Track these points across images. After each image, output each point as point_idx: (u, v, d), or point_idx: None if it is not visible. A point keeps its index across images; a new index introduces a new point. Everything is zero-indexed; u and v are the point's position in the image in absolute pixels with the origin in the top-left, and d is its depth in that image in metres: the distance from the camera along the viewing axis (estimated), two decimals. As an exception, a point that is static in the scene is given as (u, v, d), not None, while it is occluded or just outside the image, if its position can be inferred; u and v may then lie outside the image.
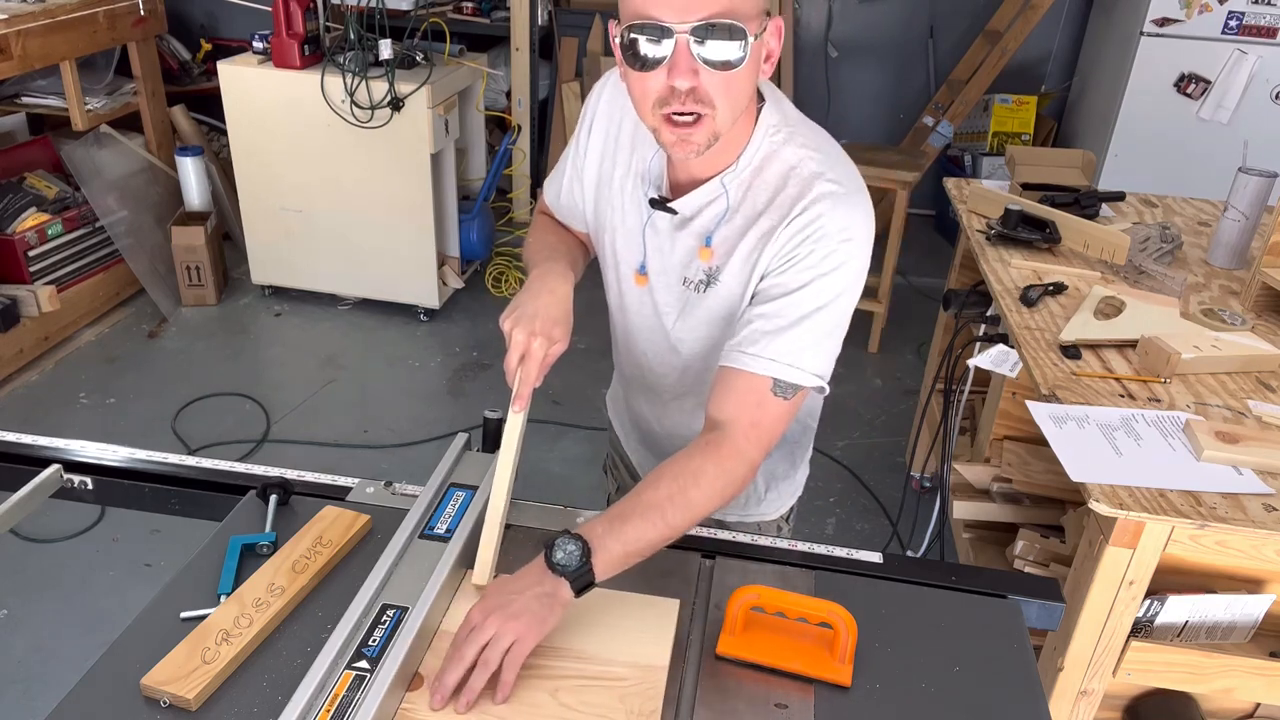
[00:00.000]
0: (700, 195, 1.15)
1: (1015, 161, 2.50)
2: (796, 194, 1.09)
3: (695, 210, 1.16)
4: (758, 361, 1.09)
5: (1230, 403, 1.61)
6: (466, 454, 1.30)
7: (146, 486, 1.28)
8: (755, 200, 1.13)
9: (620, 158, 1.23)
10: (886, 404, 3.37)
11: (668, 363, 1.28)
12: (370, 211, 3.56)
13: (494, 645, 0.94)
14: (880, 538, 2.71)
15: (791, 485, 1.46)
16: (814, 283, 1.08)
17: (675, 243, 1.19)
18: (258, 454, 2.97)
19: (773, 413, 1.11)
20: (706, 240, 1.15)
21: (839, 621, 1.00)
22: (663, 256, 1.21)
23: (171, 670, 0.94)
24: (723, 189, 1.13)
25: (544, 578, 0.99)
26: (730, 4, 0.97)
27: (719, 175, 1.13)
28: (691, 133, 1.03)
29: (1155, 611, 1.47)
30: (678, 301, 1.22)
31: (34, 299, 3.28)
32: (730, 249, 1.14)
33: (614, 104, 1.24)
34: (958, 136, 4.49)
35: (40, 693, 2.13)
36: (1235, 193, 2.08)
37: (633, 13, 0.99)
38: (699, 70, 0.99)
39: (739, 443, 1.09)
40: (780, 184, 1.11)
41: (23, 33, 3.12)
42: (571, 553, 0.99)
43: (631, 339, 1.32)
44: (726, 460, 1.09)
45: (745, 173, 1.13)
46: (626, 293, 1.28)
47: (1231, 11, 3.56)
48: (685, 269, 1.19)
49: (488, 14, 4.21)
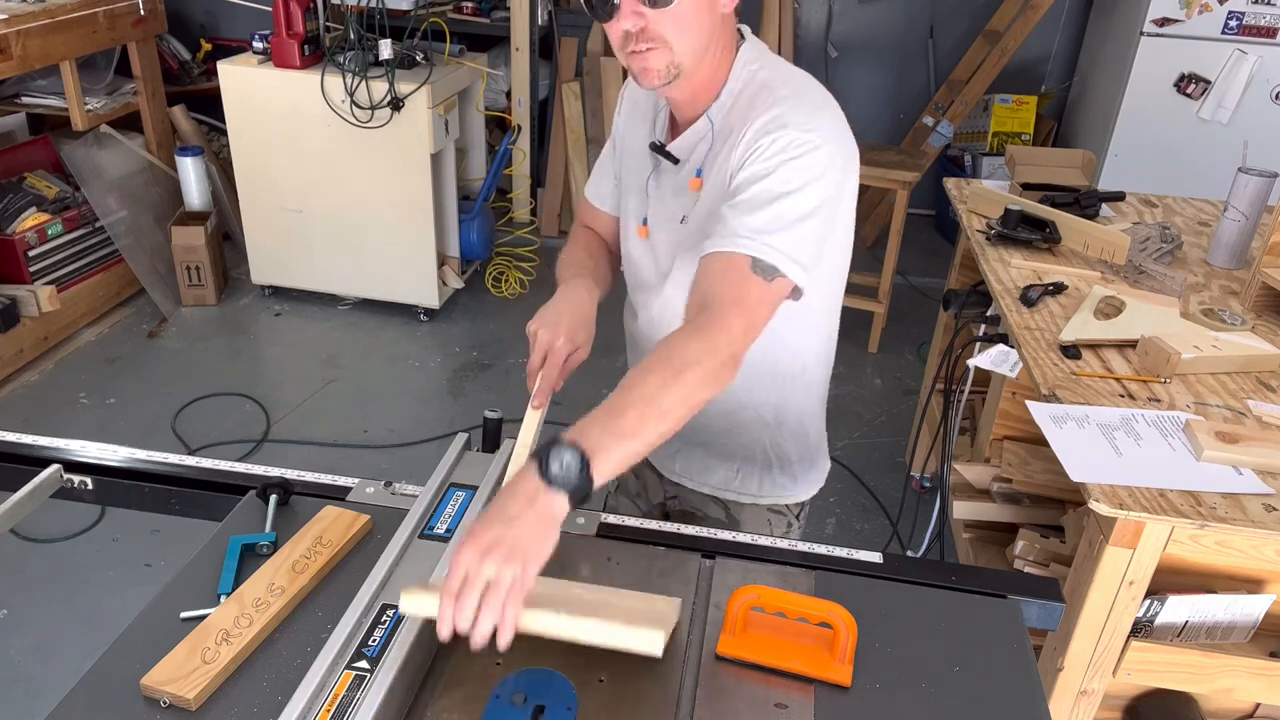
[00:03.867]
0: (691, 134, 1.25)
1: (1015, 161, 2.50)
2: (761, 103, 1.17)
3: (689, 149, 1.26)
4: (732, 241, 1.12)
5: (1230, 403, 1.61)
6: (466, 454, 1.30)
7: (146, 486, 1.28)
8: (730, 122, 1.20)
9: (639, 130, 1.35)
10: (886, 404, 3.37)
11: (674, 312, 1.29)
12: (370, 211, 3.56)
13: (494, 591, 0.88)
14: (880, 538, 2.71)
15: (807, 466, 1.46)
16: (778, 170, 1.13)
17: (675, 186, 1.27)
18: (258, 454, 2.97)
19: (755, 293, 1.10)
20: (698, 173, 1.24)
21: (839, 621, 1.00)
22: (663, 204, 1.29)
23: (171, 670, 0.94)
24: (710, 123, 1.23)
25: (538, 494, 0.92)
26: None
27: (705, 112, 1.23)
28: (647, 59, 1.14)
29: (1155, 611, 1.46)
30: (675, 244, 1.28)
31: (34, 299, 3.28)
32: (717, 174, 1.21)
33: (633, 88, 1.38)
34: (958, 136, 4.49)
35: (40, 693, 2.13)
36: (1235, 193, 2.08)
37: None
38: (642, 12, 1.11)
39: (725, 319, 1.07)
40: (750, 102, 1.19)
41: (23, 33, 3.12)
42: (569, 464, 0.93)
43: (639, 297, 1.39)
44: (715, 337, 1.06)
45: (728, 101, 1.22)
46: (633, 250, 1.37)
47: (1231, 11, 3.56)
48: (681, 209, 1.26)
49: (488, 14, 4.21)
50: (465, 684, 0.97)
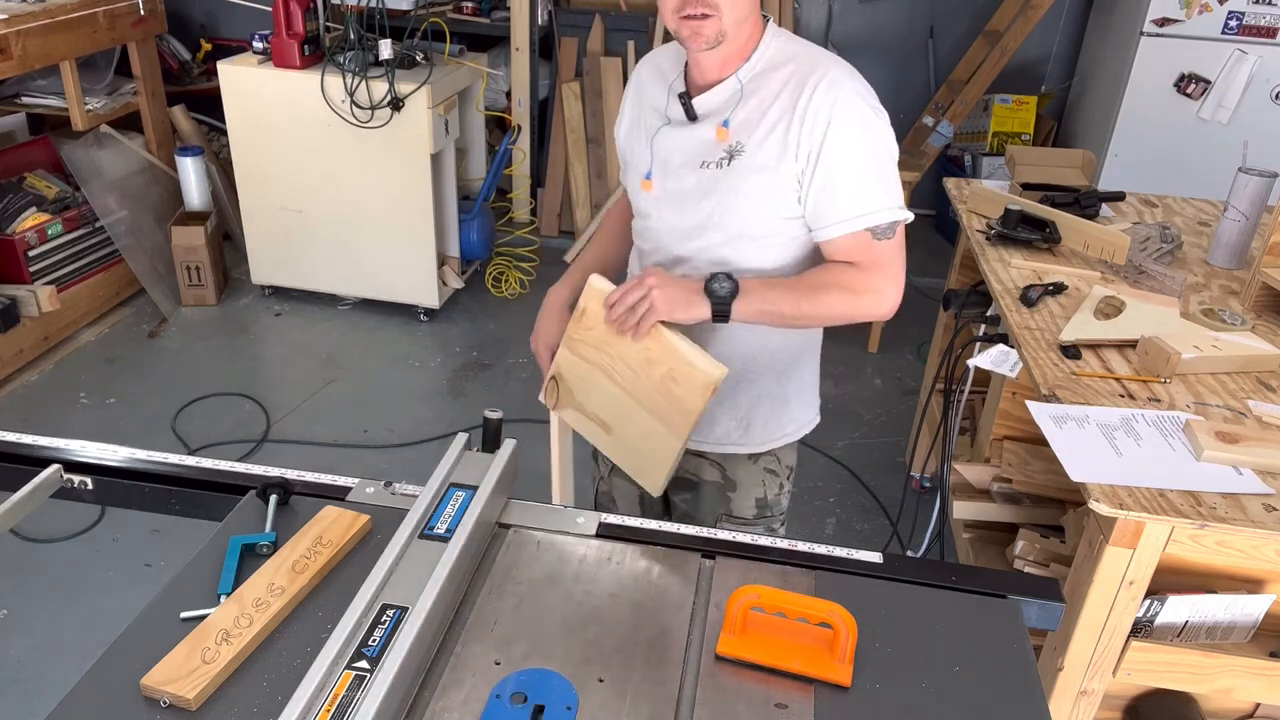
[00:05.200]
0: (718, 91, 1.38)
1: (1015, 161, 2.50)
2: (807, 70, 1.33)
3: (713, 105, 1.38)
4: (848, 224, 1.33)
5: (1230, 403, 1.61)
6: (466, 454, 1.30)
7: (146, 486, 1.27)
8: (770, 83, 1.35)
9: (645, 103, 1.49)
10: (886, 404, 3.37)
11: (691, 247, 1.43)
12: (370, 211, 3.56)
13: (641, 301, 1.30)
14: (880, 538, 2.71)
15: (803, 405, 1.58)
16: (860, 135, 1.31)
17: (693, 136, 1.40)
18: (258, 454, 2.97)
19: (887, 252, 1.36)
20: (724, 123, 1.36)
21: (839, 621, 1.00)
22: (682, 154, 1.41)
23: (171, 670, 0.94)
24: (738, 83, 1.36)
25: (696, 291, 1.31)
26: None
27: (734, 73, 1.36)
28: (701, 26, 1.29)
29: (1155, 611, 1.46)
30: (698, 185, 1.39)
31: (34, 299, 3.28)
32: (751, 126, 1.35)
33: (642, 74, 1.52)
34: (958, 136, 4.49)
35: (40, 693, 2.13)
36: (1235, 193, 2.08)
37: None
38: None
39: (876, 277, 1.36)
40: (791, 68, 1.34)
41: (23, 33, 3.12)
42: (725, 285, 1.30)
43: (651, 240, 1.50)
44: (874, 282, 1.36)
45: (758, 65, 1.36)
46: (640, 203, 1.49)
47: (1231, 11, 3.56)
48: (703, 154, 1.38)
49: (488, 14, 4.21)
50: (465, 684, 0.97)
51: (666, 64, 1.48)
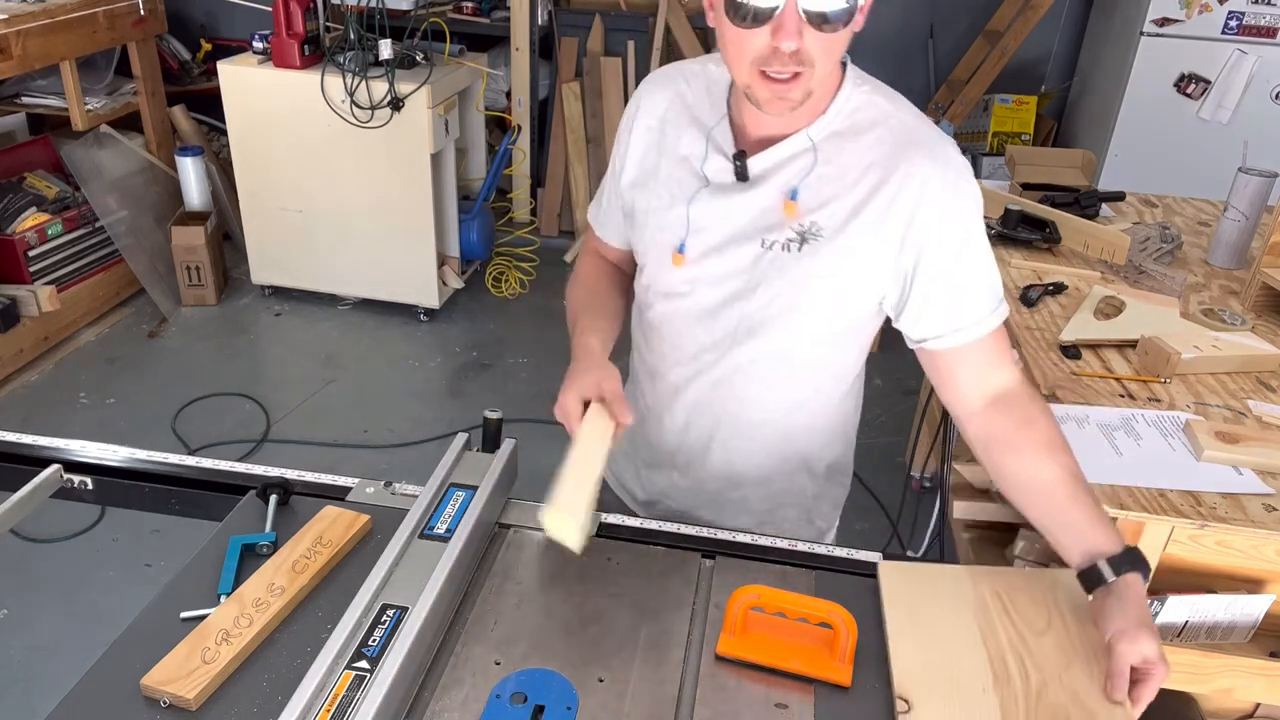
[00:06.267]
0: (782, 150, 1.10)
1: (1015, 161, 2.50)
2: (904, 140, 1.08)
3: (772, 167, 1.11)
4: (982, 325, 1.12)
5: (1230, 403, 1.61)
6: (466, 454, 1.30)
7: (146, 486, 1.28)
8: (853, 149, 1.09)
9: (668, 148, 1.18)
10: (886, 404, 3.36)
11: (735, 353, 1.20)
12: (370, 211, 3.56)
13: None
14: (880, 538, 2.71)
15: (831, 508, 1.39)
16: (974, 229, 1.10)
17: (747, 203, 1.12)
18: (258, 454, 2.97)
19: (1006, 340, 1.16)
20: (792, 194, 1.10)
21: (839, 621, 1.00)
22: (729, 226, 1.13)
23: (171, 670, 0.94)
24: (809, 142, 1.10)
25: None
26: None
27: (804, 129, 1.10)
28: (789, 89, 1.01)
29: (1155, 611, 1.46)
30: (754, 268, 1.13)
31: (34, 299, 3.28)
32: (830, 202, 1.10)
33: (657, 101, 1.20)
34: (958, 136, 4.48)
35: (40, 693, 2.13)
36: (1235, 193, 2.08)
37: None
38: (804, 30, 0.96)
39: (1025, 380, 1.16)
40: (880, 133, 1.09)
41: (23, 33, 3.12)
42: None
43: (669, 336, 1.24)
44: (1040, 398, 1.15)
45: (835, 122, 1.10)
46: (662, 279, 1.20)
47: (1231, 11, 3.56)
48: (763, 230, 1.12)
49: (488, 14, 4.21)
50: (465, 684, 0.97)
51: (697, 98, 1.17)
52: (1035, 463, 1.09)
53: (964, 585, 1.08)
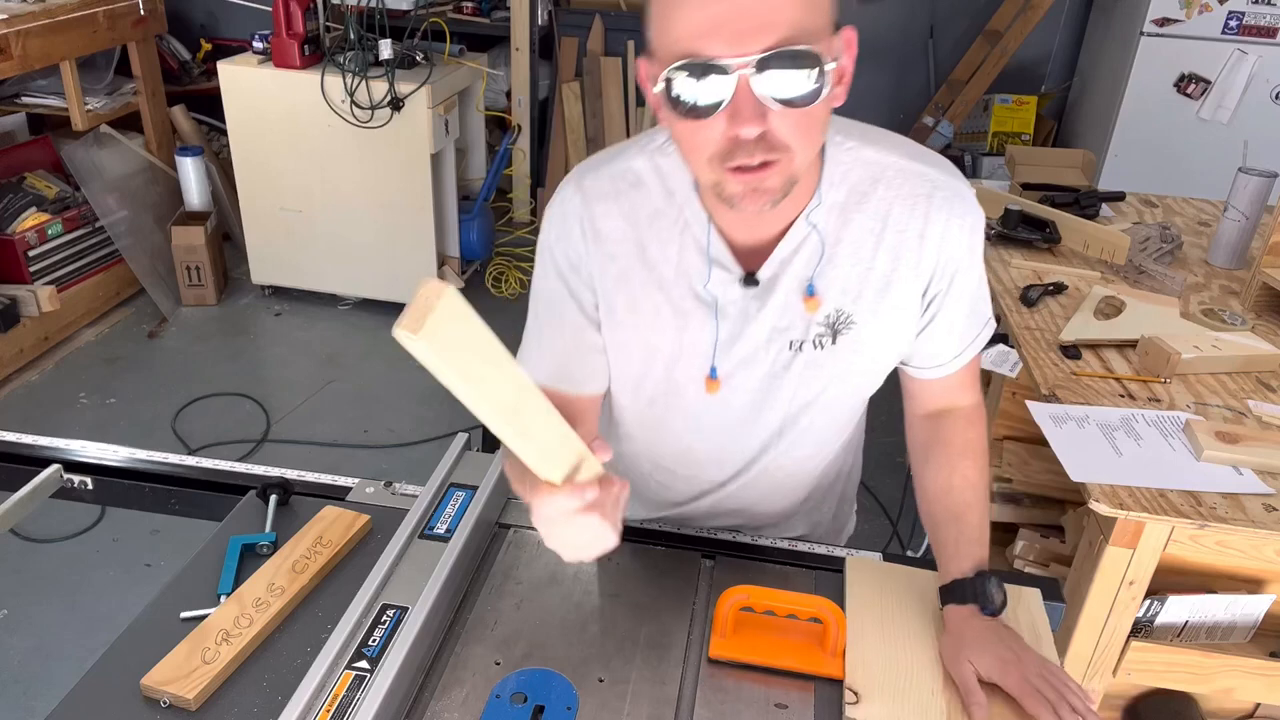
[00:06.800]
0: (785, 247, 0.97)
1: (1015, 161, 2.50)
2: (909, 190, 0.97)
3: (780, 268, 0.98)
4: (965, 355, 1.09)
5: (1230, 403, 1.61)
6: (466, 454, 1.30)
7: (146, 486, 1.28)
8: (861, 219, 0.97)
9: (654, 272, 1.00)
10: (886, 404, 3.35)
11: (762, 460, 1.14)
12: (370, 211, 3.56)
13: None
14: (880, 538, 2.71)
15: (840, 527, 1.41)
16: (982, 269, 1.05)
17: (762, 314, 1.00)
18: (258, 454, 2.97)
19: (978, 369, 1.14)
20: (809, 290, 0.98)
21: (828, 615, 1.00)
22: (752, 339, 1.02)
23: (171, 670, 0.94)
24: (811, 227, 0.96)
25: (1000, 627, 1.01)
26: (797, 23, 0.78)
27: (802, 215, 0.96)
28: (764, 177, 0.83)
29: (1155, 611, 1.46)
30: (787, 371, 1.03)
31: (34, 299, 3.28)
32: (854, 286, 0.99)
33: (612, 224, 1.00)
34: (958, 136, 4.49)
35: (40, 693, 2.13)
36: (1235, 193, 2.08)
37: (676, 50, 0.81)
38: (767, 112, 0.80)
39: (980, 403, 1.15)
40: (883, 191, 0.97)
41: (23, 33, 3.12)
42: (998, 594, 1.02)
43: (691, 464, 1.16)
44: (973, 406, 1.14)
45: (832, 195, 0.96)
46: (692, 407, 1.08)
47: (1231, 11, 3.56)
48: (788, 332, 1.01)
49: (488, 14, 4.21)
50: (465, 684, 0.97)
51: (661, 205, 0.99)
52: (936, 476, 1.12)
53: (929, 588, 1.09)
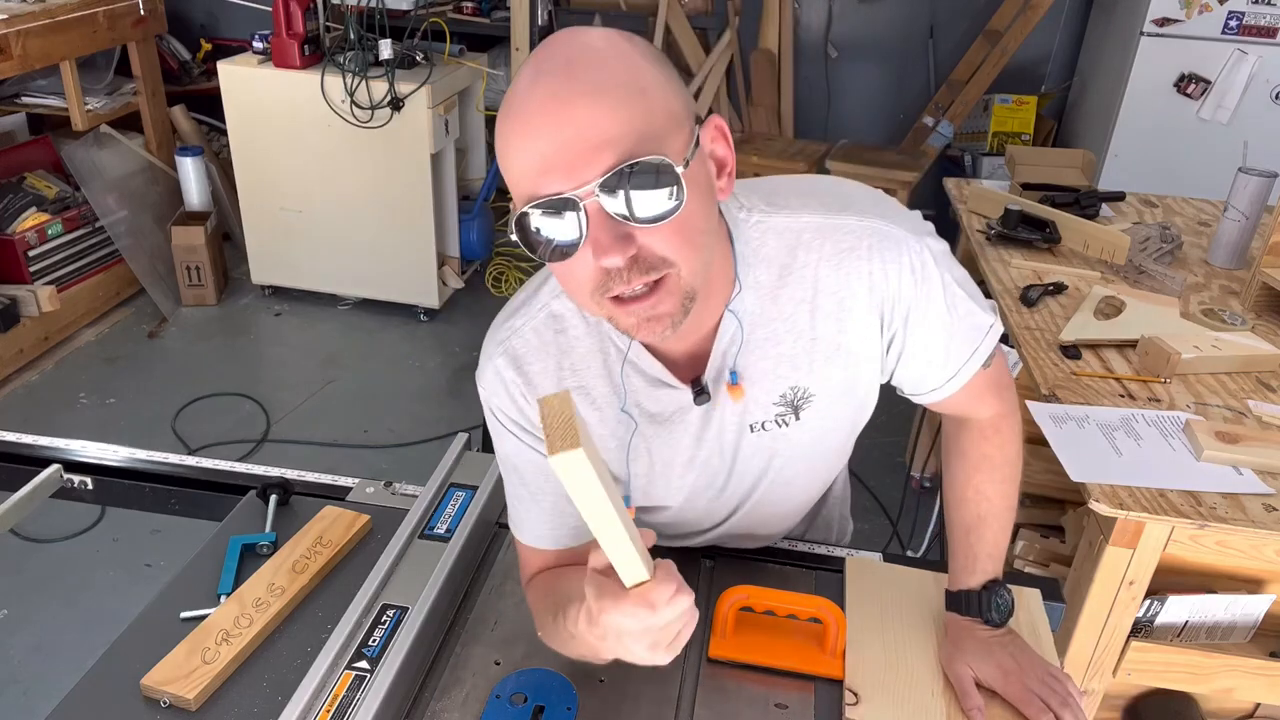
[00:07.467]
0: (719, 346, 0.92)
1: (1015, 161, 2.50)
2: (828, 251, 0.91)
3: (722, 364, 0.94)
4: (960, 376, 1.01)
5: (1230, 403, 1.61)
6: (466, 454, 1.30)
7: (146, 486, 1.28)
8: (792, 293, 0.91)
9: (606, 414, 0.96)
10: (886, 404, 3.35)
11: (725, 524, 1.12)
12: (370, 211, 3.56)
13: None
14: (880, 538, 2.71)
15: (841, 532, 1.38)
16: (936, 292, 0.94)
17: (721, 414, 0.97)
18: (258, 454, 2.97)
19: (997, 379, 1.06)
20: (731, 378, 0.93)
21: (827, 615, 1.00)
22: (717, 441, 0.99)
23: (171, 670, 0.94)
24: (735, 322, 0.91)
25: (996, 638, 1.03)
26: (634, 134, 0.73)
27: (726, 309, 0.91)
28: (654, 304, 0.78)
29: (1155, 611, 1.46)
30: (752, 455, 1.01)
31: (34, 299, 3.28)
32: (802, 361, 0.94)
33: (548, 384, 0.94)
34: (958, 136, 4.48)
35: (40, 693, 2.13)
36: (1235, 193, 2.08)
37: (521, 193, 0.76)
38: (633, 233, 0.75)
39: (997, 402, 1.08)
40: (803, 256, 0.91)
41: (23, 33, 3.12)
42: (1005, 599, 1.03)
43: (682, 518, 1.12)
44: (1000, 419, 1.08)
45: (750, 278, 0.91)
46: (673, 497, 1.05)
47: (1231, 11, 3.56)
48: (745, 417, 0.97)
49: (488, 14, 4.21)
50: (465, 684, 0.98)
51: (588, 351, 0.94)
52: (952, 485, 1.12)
53: (929, 589, 1.09)
